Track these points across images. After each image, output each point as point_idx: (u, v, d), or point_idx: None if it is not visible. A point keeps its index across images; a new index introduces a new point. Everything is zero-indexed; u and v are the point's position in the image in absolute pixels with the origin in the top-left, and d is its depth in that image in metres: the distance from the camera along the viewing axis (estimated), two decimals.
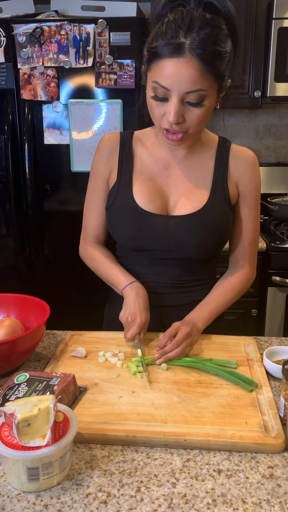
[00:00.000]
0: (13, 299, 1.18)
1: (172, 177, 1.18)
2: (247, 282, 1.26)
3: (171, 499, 0.71)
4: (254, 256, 1.27)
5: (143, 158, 1.20)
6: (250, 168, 1.19)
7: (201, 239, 1.15)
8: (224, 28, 0.98)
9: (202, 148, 1.19)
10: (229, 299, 1.21)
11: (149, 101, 1.04)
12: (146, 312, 1.13)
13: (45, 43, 2.00)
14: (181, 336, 1.06)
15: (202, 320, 1.14)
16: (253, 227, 1.23)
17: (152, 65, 1.00)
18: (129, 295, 1.14)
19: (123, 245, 1.23)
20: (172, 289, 1.22)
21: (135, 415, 0.87)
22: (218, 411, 0.88)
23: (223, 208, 1.17)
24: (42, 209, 2.20)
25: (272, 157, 2.77)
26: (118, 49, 1.98)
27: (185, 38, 0.94)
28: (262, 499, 0.71)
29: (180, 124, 1.02)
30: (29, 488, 0.73)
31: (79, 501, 0.71)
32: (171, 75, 0.96)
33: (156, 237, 1.15)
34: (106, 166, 1.21)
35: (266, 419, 0.86)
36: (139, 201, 1.16)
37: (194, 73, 0.95)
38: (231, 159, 1.19)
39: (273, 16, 2.20)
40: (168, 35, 0.95)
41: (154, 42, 0.98)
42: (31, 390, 0.88)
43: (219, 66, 0.97)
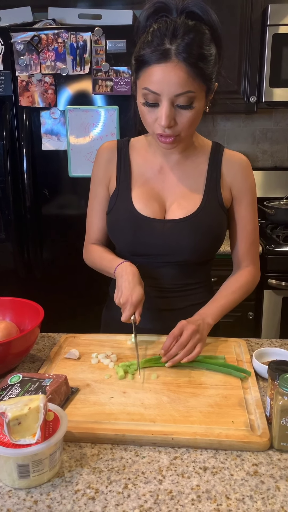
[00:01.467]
0: (9, 302, 1.21)
1: (167, 181, 1.21)
2: (253, 281, 1.27)
3: (157, 495, 0.73)
4: (256, 256, 1.29)
5: (139, 164, 1.23)
6: (243, 172, 1.22)
7: (196, 241, 1.17)
8: (207, 33, 1.02)
9: (195, 153, 1.22)
10: (237, 297, 1.23)
11: (140, 109, 1.08)
12: (137, 289, 1.10)
13: (42, 51, 2.04)
14: (186, 336, 1.05)
15: (212, 316, 1.15)
16: (252, 228, 1.26)
17: (140, 73, 1.03)
18: (119, 275, 1.14)
19: (122, 250, 1.26)
20: (168, 293, 1.25)
21: (125, 414, 0.90)
22: (206, 410, 0.91)
23: (216, 211, 1.20)
24: (40, 214, 2.23)
25: (268, 161, 2.80)
26: (114, 57, 2.02)
27: (170, 44, 0.98)
28: (245, 495, 0.73)
29: (172, 128, 1.05)
30: (20, 485, 0.75)
31: (68, 497, 0.73)
32: (160, 80, 1.00)
33: (153, 241, 1.18)
34: (105, 173, 1.25)
35: (253, 418, 0.89)
36: (137, 206, 1.19)
37: (182, 75, 0.99)
38: (224, 164, 1.21)
39: (267, 23, 2.23)
40: (154, 43, 0.99)
41: (141, 51, 1.01)
42: (24, 390, 0.90)
43: (205, 68, 1.01)
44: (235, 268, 1.30)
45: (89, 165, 2.12)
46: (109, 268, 1.21)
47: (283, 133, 2.75)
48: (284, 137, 2.76)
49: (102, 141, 2.09)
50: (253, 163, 2.79)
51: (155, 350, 1.14)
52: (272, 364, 0.89)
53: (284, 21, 2.21)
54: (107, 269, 1.23)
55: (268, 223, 2.55)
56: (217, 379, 1.02)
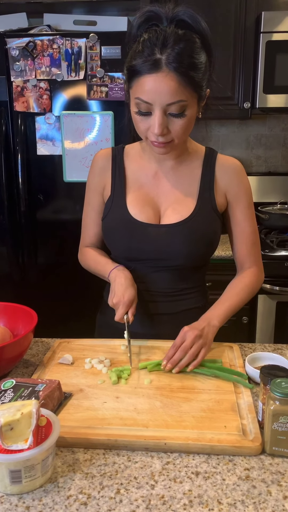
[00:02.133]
0: (2, 307, 1.21)
1: (162, 187, 1.22)
2: (258, 281, 1.28)
3: (149, 500, 0.73)
4: (258, 257, 1.29)
5: (134, 170, 1.25)
6: (237, 176, 1.23)
7: (190, 246, 1.18)
8: (198, 41, 1.03)
9: (189, 158, 1.23)
10: (242, 298, 1.23)
11: (133, 117, 1.09)
12: (129, 290, 1.13)
13: (37, 56, 2.05)
14: (190, 341, 1.06)
15: (218, 318, 1.15)
16: (251, 230, 1.26)
17: (133, 83, 1.04)
18: (112, 279, 1.17)
19: (117, 255, 1.27)
20: (162, 298, 1.25)
21: (118, 419, 0.90)
22: (198, 415, 0.91)
23: (210, 216, 1.20)
24: (35, 218, 2.23)
25: (262, 166, 2.82)
26: (109, 63, 2.03)
27: (161, 54, 0.99)
28: (237, 499, 0.73)
29: (165, 136, 1.07)
30: (12, 491, 0.75)
31: (60, 502, 0.73)
32: (152, 89, 1.01)
33: (148, 246, 1.19)
34: (99, 181, 1.27)
35: (245, 422, 0.89)
36: (132, 212, 1.20)
37: (173, 85, 1.00)
38: (218, 169, 1.22)
39: (261, 30, 2.25)
40: (145, 53, 1.00)
41: (133, 61, 1.02)
42: (17, 396, 0.90)
43: (195, 76, 1.02)
44: (238, 270, 1.30)
45: (84, 170, 2.12)
46: (103, 272, 1.23)
47: (277, 139, 2.77)
48: (277, 143, 2.78)
49: (97, 146, 2.10)
50: (247, 169, 2.81)
51: (148, 355, 1.15)
52: (264, 369, 0.90)
53: (277, 28, 2.23)
54: (102, 273, 1.24)
55: (262, 228, 2.56)
56: (209, 384, 1.02)
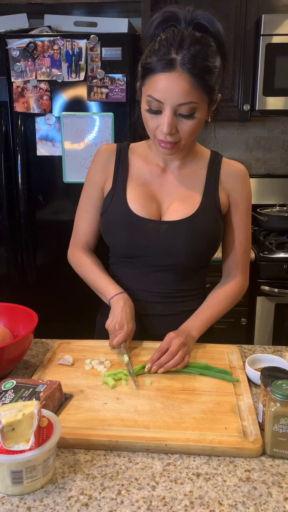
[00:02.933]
0: (2, 308, 1.21)
1: (166, 184, 1.22)
2: (240, 291, 1.29)
3: (150, 502, 0.73)
4: (246, 266, 1.30)
5: (138, 166, 1.24)
6: (241, 181, 1.24)
7: (192, 244, 1.18)
8: (213, 45, 1.04)
9: (194, 159, 1.24)
10: (223, 308, 1.24)
11: (144, 114, 1.10)
12: (132, 322, 1.16)
13: (38, 57, 2.05)
14: (176, 346, 1.07)
15: (196, 329, 1.17)
16: (245, 237, 1.27)
17: (146, 81, 1.05)
18: (117, 305, 1.17)
19: (116, 251, 1.26)
20: (162, 299, 1.25)
21: (119, 421, 0.90)
22: (199, 416, 0.91)
23: (213, 215, 1.21)
24: (34, 219, 2.23)
25: (261, 168, 2.82)
26: (109, 64, 2.03)
27: (176, 54, 1.00)
28: (238, 501, 0.73)
29: (173, 135, 1.07)
30: (13, 491, 0.75)
31: (61, 503, 0.73)
32: (164, 88, 1.02)
33: (148, 242, 1.18)
34: (101, 174, 1.25)
35: (245, 424, 0.89)
36: (132, 207, 1.19)
37: (186, 86, 1.01)
38: (223, 171, 1.23)
39: (261, 33, 2.26)
40: (160, 52, 1.01)
41: (148, 59, 1.04)
42: (18, 396, 0.90)
43: (208, 80, 1.03)
44: (224, 276, 1.31)
45: (84, 171, 2.12)
46: (104, 291, 1.22)
47: (276, 141, 2.78)
48: (277, 145, 2.79)
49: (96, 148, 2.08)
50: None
51: (147, 356, 1.14)
52: (264, 371, 0.90)
53: (277, 31, 2.24)
54: (101, 291, 1.23)
55: (261, 230, 2.57)
56: (210, 385, 1.02)
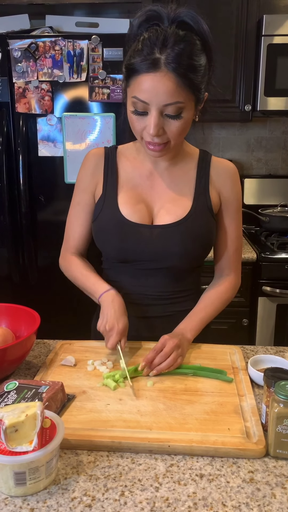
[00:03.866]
0: (4, 308, 1.21)
1: (155, 187, 1.21)
2: (233, 290, 1.29)
3: (154, 503, 0.73)
4: (238, 264, 1.30)
5: (127, 170, 1.23)
6: (231, 179, 1.23)
7: (185, 247, 1.17)
8: (198, 43, 1.03)
9: (184, 159, 1.23)
10: (216, 308, 1.24)
11: (130, 116, 1.08)
12: (123, 318, 1.12)
13: (39, 58, 2.05)
14: (169, 348, 1.06)
15: (191, 331, 1.16)
16: (236, 236, 1.26)
17: (130, 82, 1.04)
18: (105, 303, 1.15)
19: (109, 257, 1.25)
20: (157, 301, 1.24)
21: (121, 422, 0.90)
22: (202, 417, 0.91)
23: (205, 217, 1.20)
24: (36, 220, 2.23)
25: (263, 169, 2.82)
26: (111, 64, 2.03)
27: (160, 54, 0.99)
28: (241, 502, 0.73)
29: (160, 137, 1.06)
30: (16, 493, 0.75)
31: (65, 505, 0.73)
32: (149, 89, 1.00)
33: (141, 247, 1.18)
34: (91, 180, 1.24)
35: (249, 425, 0.89)
36: (124, 212, 1.18)
37: (171, 86, 1.00)
38: (212, 170, 1.22)
39: (262, 33, 2.26)
40: (144, 52, 1.00)
41: (132, 59, 1.02)
42: (20, 397, 0.90)
43: (194, 78, 1.02)
44: (216, 275, 1.30)
45: None
46: (93, 291, 1.21)
47: (277, 142, 2.78)
48: (278, 146, 2.79)
49: None
50: (248, 171, 2.82)
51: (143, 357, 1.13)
52: (267, 372, 0.90)
53: (278, 31, 2.24)
54: (91, 291, 1.22)
55: (262, 231, 2.57)
56: (212, 386, 1.02)
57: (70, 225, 1.31)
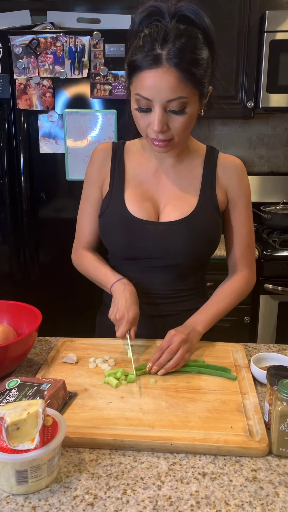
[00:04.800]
0: (6, 306, 1.20)
1: (162, 184, 1.21)
2: (247, 285, 1.27)
3: (156, 501, 0.72)
4: (252, 260, 1.28)
5: (133, 167, 1.23)
6: (238, 175, 1.22)
7: (190, 244, 1.17)
8: (200, 37, 1.01)
9: (190, 156, 1.22)
10: (229, 303, 1.22)
11: (134, 114, 1.08)
12: (134, 307, 1.12)
13: (41, 54, 2.04)
14: (176, 344, 1.05)
15: (202, 324, 1.15)
16: (247, 232, 1.25)
17: (133, 79, 1.03)
18: (116, 292, 1.15)
19: (115, 253, 1.25)
20: (162, 299, 1.24)
21: (123, 420, 0.89)
22: (204, 416, 0.90)
23: (211, 214, 1.19)
24: (37, 217, 2.22)
25: (265, 166, 2.81)
26: (112, 61, 2.02)
27: (161, 50, 0.98)
28: (244, 501, 0.73)
29: (165, 133, 1.05)
30: (18, 491, 0.74)
31: (67, 503, 0.72)
32: (152, 85, 0.99)
33: (146, 243, 1.17)
34: (99, 174, 1.24)
35: (251, 423, 0.88)
36: (130, 209, 1.18)
37: (173, 81, 0.99)
38: (219, 167, 1.21)
39: (265, 29, 2.24)
40: (145, 48, 0.99)
41: (133, 56, 1.01)
42: (22, 395, 0.89)
43: (196, 73, 1.00)
44: (230, 272, 1.30)
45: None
46: (105, 282, 1.21)
47: (280, 139, 2.77)
48: (280, 142, 2.77)
49: None
50: (250, 168, 2.81)
51: (149, 355, 1.13)
52: (271, 370, 0.89)
53: (281, 27, 2.23)
54: (103, 283, 1.22)
55: (264, 228, 2.56)
56: (215, 384, 1.01)
57: (80, 221, 1.30)
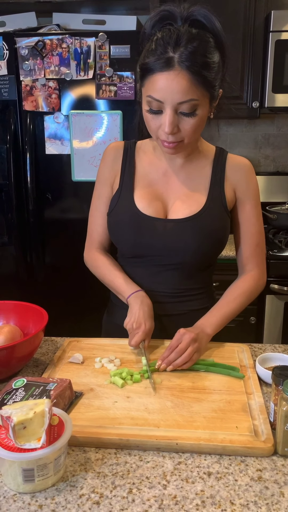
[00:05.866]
0: (13, 306, 1.21)
1: (171, 183, 1.22)
2: (257, 286, 1.26)
3: (162, 500, 0.73)
4: (262, 259, 1.28)
5: (144, 165, 1.24)
6: (246, 174, 1.23)
7: (198, 242, 1.18)
8: (211, 40, 1.04)
9: (199, 157, 1.23)
10: (239, 304, 1.22)
11: (145, 115, 1.09)
12: (150, 320, 1.15)
13: (47, 55, 2.05)
14: (185, 343, 1.06)
15: (212, 326, 1.15)
16: (257, 231, 1.25)
17: (145, 81, 1.05)
18: (134, 303, 1.17)
19: (123, 251, 1.26)
20: (170, 298, 1.24)
21: (129, 419, 0.90)
22: (209, 415, 0.91)
23: (219, 213, 1.20)
24: (43, 217, 2.23)
25: (271, 166, 2.81)
26: (118, 62, 2.03)
27: (173, 53, 1.00)
28: (249, 500, 0.73)
29: (175, 135, 1.07)
30: (24, 489, 0.75)
31: (73, 501, 0.73)
32: (163, 88, 1.01)
33: (154, 240, 1.18)
34: (110, 172, 1.26)
35: (257, 423, 0.89)
36: (139, 206, 1.19)
37: (185, 84, 1.00)
38: (228, 167, 1.22)
39: (270, 29, 2.24)
40: (158, 52, 1.01)
41: (146, 59, 1.03)
42: (28, 394, 0.90)
43: (208, 76, 1.02)
44: (239, 272, 1.30)
45: (92, 170, 2.13)
46: (121, 291, 1.22)
47: (285, 138, 2.76)
48: (286, 142, 2.77)
49: (105, 146, 2.10)
50: (255, 168, 2.80)
51: (157, 354, 1.14)
52: (276, 370, 0.89)
53: (287, 27, 2.22)
54: (119, 291, 1.23)
55: (270, 228, 2.55)
56: (220, 384, 1.02)
57: (93, 219, 1.31)
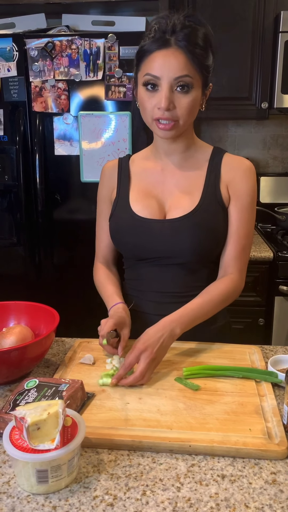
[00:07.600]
0: (24, 306, 1.21)
1: (167, 183, 1.23)
2: (235, 290, 1.20)
3: (176, 503, 0.73)
4: (244, 264, 1.23)
5: (139, 172, 1.27)
6: (242, 173, 1.20)
7: (195, 240, 1.17)
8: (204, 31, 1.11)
9: (196, 155, 1.24)
10: (214, 308, 1.17)
11: (140, 98, 1.13)
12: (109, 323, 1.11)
13: (56, 57, 2.06)
14: (144, 366, 1.00)
15: (182, 326, 1.09)
16: (245, 234, 1.21)
17: (141, 64, 1.11)
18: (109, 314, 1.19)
19: (126, 254, 1.28)
20: (175, 298, 1.23)
21: (141, 421, 0.90)
22: (222, 417, 0.90)
23: (215, 209, 1.19)
24: (52, 218, 2.24)
25: (279, 167, 2.80)
26: (127, 63, 2.03)
27: (170, 36, 1.08)
28: (264, 504, 0.72)
29: (170, 112, 1.10)
30: (38, 490, 0.75)
31: (87, 503, 0.73)
32: (161, 64, 1.08)
33: (153, 242, 1.19)
34: (108, 189, 1.30)
35: (270, 426, 0.88)
36: (135, 209, 1.21)
37: (182, 60, 1.07)
38: (223, 165, 1.22)
39: (280, 29, 2.23)
40: (156, 36, 1.09)
41: (143, 45, 1.10)
42: (41, 395, 0.90)
43: (201, 55, 1.09)
44: (220, 272, 1.23)
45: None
46: (106, 302, 1.26)
47: None
48: None
49: (114, 147, 2.11)
50: (264, 169, 2.79)
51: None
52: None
53: None
54: (105, 302, 1.27)
55: (279, 229, 2.54)
56: (232, 386, 1.01)
57: (97, 235, 1.37)
